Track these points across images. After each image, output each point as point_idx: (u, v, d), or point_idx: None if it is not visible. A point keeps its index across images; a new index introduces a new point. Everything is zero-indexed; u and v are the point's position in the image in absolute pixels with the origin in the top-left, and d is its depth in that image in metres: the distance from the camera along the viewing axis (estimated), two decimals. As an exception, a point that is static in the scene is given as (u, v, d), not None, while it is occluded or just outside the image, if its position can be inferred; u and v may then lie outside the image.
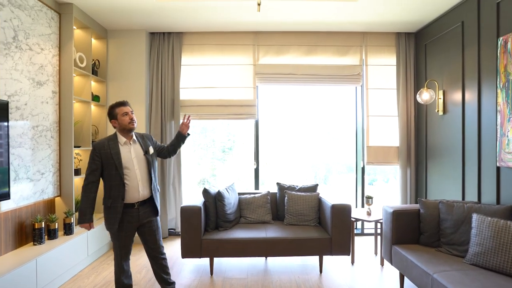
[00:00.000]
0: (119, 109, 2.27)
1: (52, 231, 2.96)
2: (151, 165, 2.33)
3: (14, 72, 2.65)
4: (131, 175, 2.23)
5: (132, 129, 2.28)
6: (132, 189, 2.23)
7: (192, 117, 4.19)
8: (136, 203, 2.26)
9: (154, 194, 2.35)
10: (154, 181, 2.35)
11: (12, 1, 2.63)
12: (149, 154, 2.33)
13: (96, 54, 3.90)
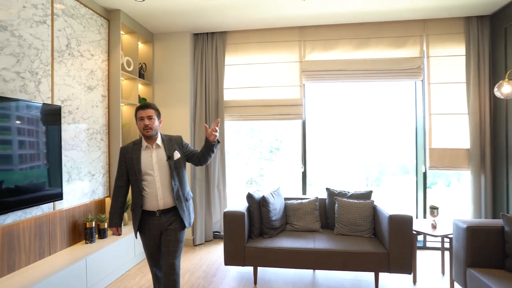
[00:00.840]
0: (138, 112, 2.12)
1: (102, 230, 3.04)
2: (173, 171, 2.11)
3: (67, 78, 2.75)
4: (150, 181, 2.09)
5: (146, 136, 2.11)
6: (151, 197, 2.09)
7: (236, 118, 4.10)
8: (157, 211, 2.11)
9: (179, 204, 2.12)
10: (178, 189, 2.14)
11: (66, 11, 2.74)
12: (172, 159, 2.12)
13: (143, 57, 3.98)
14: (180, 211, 2.13)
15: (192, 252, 3.70)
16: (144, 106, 2.11)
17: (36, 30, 2.44)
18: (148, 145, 2.12)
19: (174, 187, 2.11)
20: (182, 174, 2.19)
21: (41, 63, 2.48)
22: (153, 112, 2.11)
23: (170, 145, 2.16)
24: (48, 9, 2.55)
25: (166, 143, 2.16)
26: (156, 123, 2.12)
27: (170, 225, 2.13)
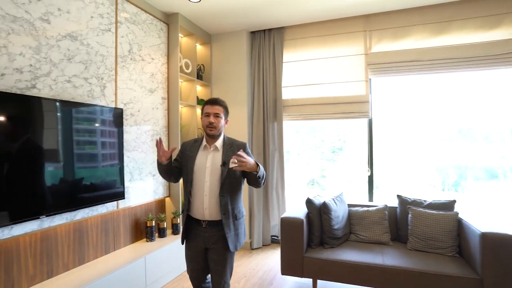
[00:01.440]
0: (205, 107, 1.90)
1: (161, 229, 3.11)
2: (224, 180, 1.81)
3: (129, 82, 2.87)
4: (199, 186, 1.85)
5: (209, 135, 1.88)
6: (197, 203, 1.85)
7: (295, 117, 3.89)
8: (203, 221, 1.85)
9: (225, 220, 1.81)
10: (228, 202, 1.82)
11: (128, 18, 2.85)
12: (226, 166, 1.82)
13: (201, 59, 4.02)
14: (226, 228, 1.81)
15: (249, 256, 3.60)
16: (213, 101, 1.89)
17: (102, 38, 2.57)
18: (206, 144, 1.90)
19: (222, 198, 1.81)
20: (235, 186, 1.87)
21: (106, 68, 2.61)
22: (221, 110, 1.89)
23: (230, 151, 1.87)
24: (112, 18, 2.68)
25: (226, 147, 1.89)
26: (222, 123, 1.89)
27: (216, 242, 1.84)
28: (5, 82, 1.91)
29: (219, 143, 1.90)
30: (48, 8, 2.16)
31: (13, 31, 1.96)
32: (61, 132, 2.18)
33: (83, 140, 2.36)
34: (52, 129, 2.12)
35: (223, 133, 1.96)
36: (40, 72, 2.10)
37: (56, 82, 2.20)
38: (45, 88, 2.13)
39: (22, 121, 1.95)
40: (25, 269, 2.03)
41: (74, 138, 2.27)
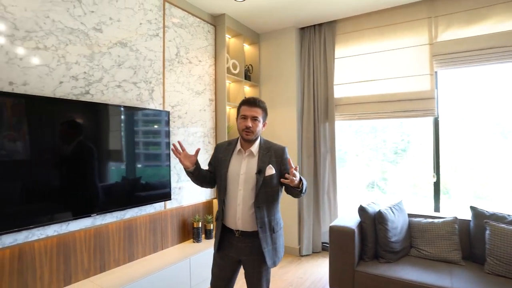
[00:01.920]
0: (242, 108, 1.73)
1: (208, 231, 3.12)
2: (260, 190, 1.65)
3: (176, 85, 2.93)
4: (232, 193, 1.69)
5: (245, 139, 1.70)
6: (230, 212, 1.70)
7: (348, 117, 3.61)
8: (236, 230, 1.71)
9: (262, 233, 1.65)
10: (265, 214, 1.67)
11: (175, 22, 2.92)
12: (262, 174, 1.66)
13: (249, 59, 3.97)
14: (263, 243, 1.65)
15: (298, 263, 3.43)
16: (251, 102, 1.70)
17: (150, 43, 2.66)
18: (241, 149, 1.73)
19: (257, 210, 1.65)
20: (272, 196, 1.70)
21: (154, 72, 2.70)
22: (260, 113, 1.70)
23: (266, 157, 1.70)
24: (160, 23, 2.76)
25: (262, 153, 1.71)
26: (260, 126, 1.71)
27: (250, 254, 1.69)
28: (63, 89, 2.06)
29: (255, 148, 1.73)
30: (101, 18, 2.29)
31: (70, 42, 2.11)
32: (112, 135, 2.30)
33: (132, 143, 2.46)
34: (104, 132, 2.25)
35: (260, 136, 1.79)
36: (93, 78, 2.24)
37: (107, 87, 2.33)
38: (97, 93, 2.26)
39: (77, 125, 2.09)
40: (80, 262, 2.17)
41: (123, 141, 2.38)
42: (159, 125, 2.68)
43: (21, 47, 1.87)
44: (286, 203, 3.71)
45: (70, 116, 2.05)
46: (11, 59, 1.83)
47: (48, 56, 1.99)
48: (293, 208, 3.68)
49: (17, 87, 1.85)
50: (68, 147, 2.05)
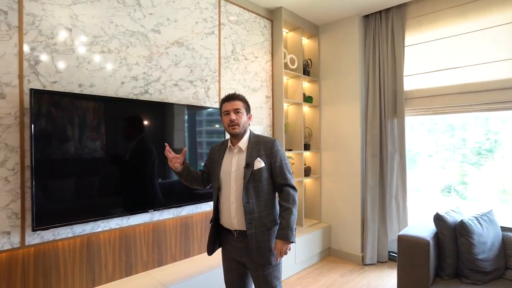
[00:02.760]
0: (223, 105, 1.69)
1: (264, 232, 3.03)
2: (248, 184, 1.58)
3: (232, 82, 2.90)
4: (226, 192, 1.65)
5: (232, 134, 1.66)
6: (226, 212, 1.65)
7: (421, 112, 3.20)
8: (233, 230, 1.65)
9: (250, 230, 1.57)
10: (253, 208, 1.58)
11: (231, 19, 2.89)
12: (250, 168, 1.59)
13: (308, 53, 3.77)
14: (250, 239, 1.56)
15: (360, 273, 3.13)
16: (230, 97, 1.68)
17: (205, 41, 2.67)
18: (231, 146, 1.70)
19: (246, 206, 1.57)
20: (263, 190, 1.62)
21: (209, 70, 2.70)
22: (241, 105, 1.67)
23: (255, 150, 1.64)
24: (216, 21, 2.75)
25: (250, 147, 1.66)
26: (244, 118, 1.67)
27: (249, 255, 1.61)
28: (124, 90, 2.17)
29: (243, 142, 1.67)
30: (159, 20, 2.36)
31: (131, 44, 2.21)
32: (174, 133, 2.35)
33: (191, 141, 2.49)
34: (166, 130, 2.31)
35: (248, 131, 1.73)
36: (151, 78, 2.31)
37: (164, 86, 2.39)
38: (155, 92, 2.33)
39: (141, 123, 2.18)
40: (140, 255, 2.26)
41: (184, 138, 2.42)
42: (217, 123, 2.68)
43: (89, 52, 2.01)
44: (348, 205, 3.43)
45: (135, 115, 2.15)
46: (81, 63, 1.97)
47: (112, 58, 2.11)
48: (355, 212, 3.39)
49: (85, 88, 1.99)
50: (131, 145, 2.14)
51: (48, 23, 1.85)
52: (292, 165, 3.48)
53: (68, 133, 1.85)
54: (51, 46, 1.86)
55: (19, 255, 1.75)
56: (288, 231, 1.55)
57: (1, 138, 1.68)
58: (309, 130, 3.74)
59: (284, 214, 1.58)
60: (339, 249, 3.53)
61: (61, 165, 1.83)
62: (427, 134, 3.59)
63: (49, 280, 1.85)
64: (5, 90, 1.70)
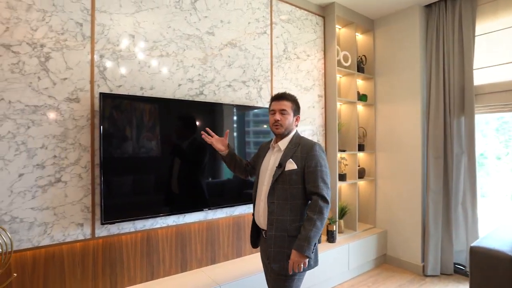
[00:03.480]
0: (271, 104, 1.69)
1: (329, 232, 2.99)
2: (275, 184, 1.54)
3: (284, 81, 2.86)
4: (259, 191, 1.66)
5: (275, 134, 1.66)
6: (256, 209, 1.68)
7: (497, 109, 2.88)
8: (263, 230, 1.64)
9: (270, 231, 1.52)
10: (275, 210, 1.52)
11: (282, 18, 2.85)
12: (281, 168, 1.54)
13: (362, 49, 3.58)
14: (270, 242, 1.52)
15: (421, 284, 2.89)
16: (278, 96, 1.65)
17: (258, 41, 2.67)
18: (272, 144, 1.70)
19: (270, 206, 1.54)
20: (291, 193, 1.53)
21: (262, 70, 2.69)
22: (289, 106, 1.63)
23: (291, 151, 1.58)
24: (267, 20, 2.74)
25: (288, 147, 1.60)
26: (290, 120, 1.62)
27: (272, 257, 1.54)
28: (181, 91, 2.25)
29: (284, 142, 1.64)
30: (213, 22, 2.41)
31: (187, 47, 2.28)
32: (220, 132, 2.39)
33: (243, 141, 2.50)
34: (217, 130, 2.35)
35: (294, 132, 1.69)
36: (206, 79, 2.37)
37: (218, 87, 2.43)
38: (210, 93, 2.38)
39: (194, 123, 2.25)
40: (194, 252, 2.33)
41: (234, 138, 2.45)
42: (268, 123, 2.66)
43: (149, 56, 2.11)
44: (406, 210, 3.20)
45: (189, 115, 2.22)
46: (142, 67, 2.09)
47: (169, 62, 2.20)
48: (414, 217, 3.14)
49: (146, 91, 2.10)
50: (185, 144, 2.22)
51: (114, 32, 1.98)
52: (346, 166, 3.34)
53: (132, 133, 1.96)
54: (117, 53, 1.99)
55: (90, 245, 1.90)
56: (304, 242, 1.43)
57: (76, 138, 1.84)
58: (363, 130, 3.56)
59: (306, 224, 1.47)
60: (396, 256, 3.30)
61: (125, 164, 1.96)
62: (495, 134, 3.21)
63: (115, 270, 1.99)
64: (79, 95, 1.85)
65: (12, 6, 1.67)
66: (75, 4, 1.84)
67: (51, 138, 1.76)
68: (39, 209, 1.72)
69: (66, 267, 1.83)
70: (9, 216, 1.64)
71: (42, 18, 1.74)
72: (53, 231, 1.77)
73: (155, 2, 2.13)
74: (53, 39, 1.77)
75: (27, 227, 1.69)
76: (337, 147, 3.11)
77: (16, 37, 1.67)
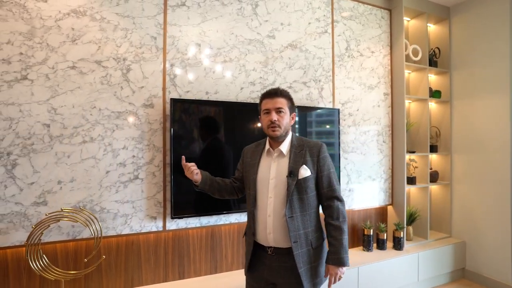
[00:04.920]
0: (263, 102, 1.46)
1: (380, 241, 2.80)
2: (292, 196, 1.35)
3: (347, 81, 2.77)
4: (262, 203, 1.42)
5: (272, 137, 1.43)
6: (261, 225, 1.42)
7: None
8: (267, 247, 1.41)
9: (297, 250, 1.34)
10: (299, 225, 1.36)
11: (344, 15, 2.77)
12: (294, 177, 1.37)
13: (435, 41, 3.27)
14: (298, 261, 1.34)
15: (510, 306, 2.52)
16: (272, 93, 1.44)
17: (318, 41, 2.63)
18: (270, 149, 1.47)
19: (290, 221, 1.35)
20: (308, 203, 1.40)
21: (323, 70, 2.65)
22: (284, 103, 1.43)
23: (299, 156, 1.41)
24: (328, 19, 2.68)
25: (294, 152, 1.43)
26: (287, 119, 1.44)
27: (286, 276, 1.38)
28: (243, 94, 2.34)
29: (284, 146, 1.44)
30: (273, 25, 2.45)
31: (249, 52, 2.37)
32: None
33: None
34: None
35: (290, 132, 1.50)
36: (267, 82, 2.42)
37: (279, 89, 2.47)
38: (270, 95, 2.43)
39: (253, 125, 2.32)
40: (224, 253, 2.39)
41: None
42: (330, 124, 2.62)
43: (213, 62, 2.25)
44: (491, 220, 2.82)
45: (252, 117, 2.30)
46: (207, 73, 2.23)
47: (232, 66, 2.30)
48: (502, 228, 2.75)
49: (211, 95, 2.24)
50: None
51: (183, 42, 2.15)
52: (416, 168, 3.09)
53: (198, 135, 2.12)
54: (185, 61, 2.16)
55: (162, 237, 2.11)
56: (343, 255, 1.36)
57: (151, 140, 2.05)
58: (436, 130, 3.25)
59: (336, 234, 1.37)
60: (478, 272, 2.94)
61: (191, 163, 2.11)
62: None
63: (182, 261, 2.16)
64: (153, 101, 2.06)
65: (103, 28, 1.93)
66: (151, 21, 2.06)
67: (130, 140, 2.00)
68: (121, 202, 1.97)
69: (142, 255, 2.05)
70: (99, 207, 1.91)
71: (124, 36, 1.99)
72: (132, 222, 2.00)
73: (218, 12, 2.26)
74: (133, 52, 2.01)
75: (112, 217, 1.94)
76: (405, 148, 2.90)
77: (105, 54, 1.93)
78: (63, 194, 1.83)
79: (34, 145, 1.76)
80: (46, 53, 1.80)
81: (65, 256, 1.87)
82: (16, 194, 1.73)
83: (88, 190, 1.88)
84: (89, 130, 1.89)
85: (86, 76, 1.89)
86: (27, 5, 1.76)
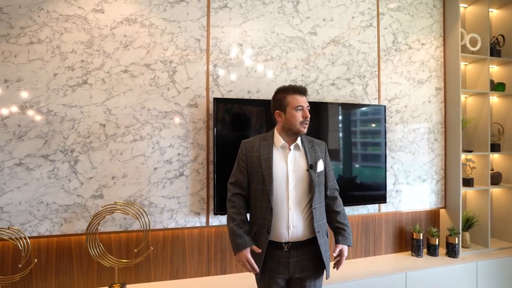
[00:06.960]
0: (292, 97, 1.45)
1: (431, 246, 2.61)
2: (315, 187, 1.44)
3: (394, 76, 2.63)
4: (280, 197, 1.43)
5: (301, 132, 1.47)
6: (279, 220, 1.42)
7: None
8: (284, 243, 1.42)
9: (321, 238, 1.44)
10: (321, 215, 1.48)
11: (391, 6, 2.63)
12: (314, 170, 1.46)
13: (498, 28, 2.95)
14: (322, 248, 1.43)
15: None
16: (304, 90, 1.50)
17: (363, 35, 2.53)
18: (285, 143, 1.48)
19: (314, 212, 1.43)
20: (322, 195, 1.51)
21: (368, 65, 2.54)
22: None
23: (312, 151, 1.52)
24: (373, 12, 2.56)
25: (307, 146, 1.52)
26: None
27: (305, 269, 1.44)
28: (284, 93, 2.33)
29: (299, 141, 1.52)
30: (315, 22, 2.40)
31: (290, 49, 2.35)
32: (324, 132, 2.36)
33: (345, 140, 2.42)
34: (315, 130, 2.35)
35: None
36: (309, 79, 2.39)
37: (321, 86, 2.42)
38: (313, 93, 2.39)
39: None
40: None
41: (340, 139, 2.39)
42: (375, 121, 2.50)
43: (255, 62, 2.27)
44: None
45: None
46: (249, 72, 2.26)
47: (274, 65, 2.31)
48: None
49: (252, 94, 2.26)
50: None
51: (225, 43, 2.21)
52: (473, 169, 2.83)
53: (240, 133, 2.16)
54: (228, 61, 2.21)
55: (205, 232, 2.18)
56: (351, 236, 1.54)
57: (195, 139, 2.14)
58: (498, 127, 2.94)
59: (345, 220, 1.55)
60: (549, 286, 2.61)
61: (233, 161, 2.16)
62: None
63: (225, 257, 2.22)
64: (198, 101, 2.14)
65: (151, 33, 2.06)
66: (195, 24, 2.14)
67: (176, 138, 2.10)
68: (168, 198, 2.08)
69: (186, 249, 2.15)
70: (148, 201, 2.04)
71: (171, 39, 2.09)
72: (177, 217, 2.10)
73: (259, 11, 2.27)
74: (178, 55, 2.10)
75: (159, 212, 2.06)
76: (460, 147, 2.66)
77: (153, 57, 2.06)
78: (116, 189, 1.98)
79: (92, 143, 1.94)
80: (102, 59, 1.96)
81: (118, 246, 2.03)
82: (78, 187, 1.91)
83: (138, 185, 2.02)
84: (139, 129, 2.02)
85: (137, 79, 2.02)
86: (87, 17, 1.94)
